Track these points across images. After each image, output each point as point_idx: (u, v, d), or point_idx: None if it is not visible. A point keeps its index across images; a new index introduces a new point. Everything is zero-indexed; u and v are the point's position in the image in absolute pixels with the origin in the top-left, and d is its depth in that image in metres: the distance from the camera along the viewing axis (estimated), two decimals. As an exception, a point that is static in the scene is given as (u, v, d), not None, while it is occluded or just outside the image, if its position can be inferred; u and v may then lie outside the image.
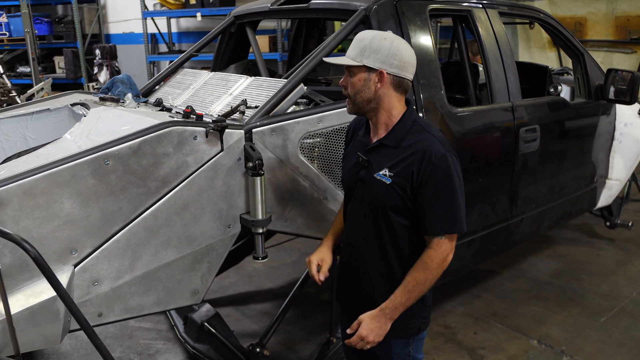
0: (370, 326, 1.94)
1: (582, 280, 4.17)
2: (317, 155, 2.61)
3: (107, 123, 2.28)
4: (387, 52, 1.88)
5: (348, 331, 2.00)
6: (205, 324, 3.06)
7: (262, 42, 8.54)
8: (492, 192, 3.16)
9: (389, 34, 1.92)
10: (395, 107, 1.95)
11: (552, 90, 3.71)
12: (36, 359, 3.22)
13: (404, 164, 1.89)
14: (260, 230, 2.40)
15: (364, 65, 1.89)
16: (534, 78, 4.01)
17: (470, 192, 3.00)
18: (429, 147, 1.87)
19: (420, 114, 2.67)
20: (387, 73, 1.89)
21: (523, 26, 6.69)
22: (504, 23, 3.39)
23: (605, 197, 4.30)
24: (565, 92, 4.10)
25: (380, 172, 1.93)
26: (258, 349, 2.84)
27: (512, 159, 3.18)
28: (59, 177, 1.91)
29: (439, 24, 7.92)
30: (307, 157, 2.57)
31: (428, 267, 1.91)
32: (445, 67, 4.49)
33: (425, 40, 2.80)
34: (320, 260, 2.22)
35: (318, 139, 2.58)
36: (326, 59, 2.09)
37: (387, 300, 1.93)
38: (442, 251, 1.91)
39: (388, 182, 1.91)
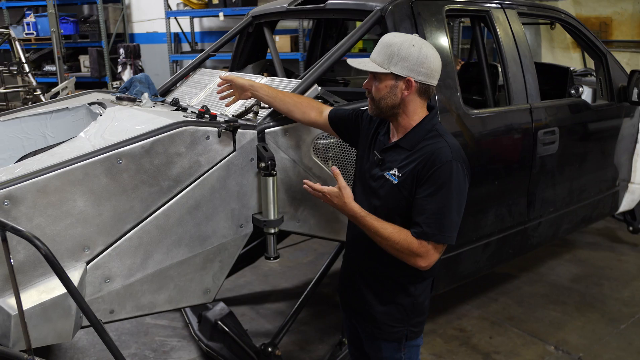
0: (336, 197, 1.90)
1: (603, 286, 4.09)
2: (332, 156, 2.61)
3: (122, 122, 2.30)
4: (415, 60, 1.85)
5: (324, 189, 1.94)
6: (219, 322, 3.09)
7: (284, 42, 8.57)
8: (508, 194, 3.11)
9: (416, 40, 1.89)
10: (417, 112, 1.95)
11: (573, 92, 3.64)
12: (53, 353, 3.28)
13: (411, 165, 1.88)
14: (272, 231, 2.41)
15: (392, 73, 1.87)
16: (555, 79, 3.95)
17: (485, 194, 3.00)
18: (437, 151, 1.85)
19: (435, 116, 2.64)
20: (414, 81, 1.87)
21: (546, 26, 6.58)
22: (524, 24, 3.34)
23: (628, 201, 4.21)
24: (587, 93, 4.02)
25: (390, 172, 1.93)
26: (270, 349, 2.85)
27: (530, 161, 3.13)
28: (72, 175, 1.94)
29: (461, 24, 7.84)
30: (321, 157, 2.57)
31: (404, 245, 1.83)
32: (465, 68, 4.45)
33: (442, 41, 2.77)
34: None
35: (333, 140, 2.57)
36: (351, 62, 2.03)
37: (365, 211, 1.89)
38: (421, 252, 1.84)
39: (395, 182, 1.91)
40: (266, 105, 2.58)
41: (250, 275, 4.29)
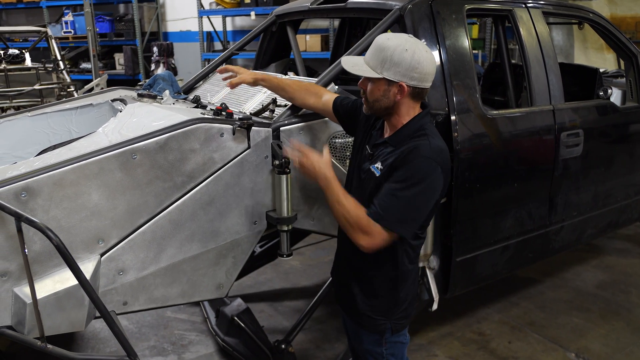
0: (312, 161, 1.98)
1: (630, 294, 3.98)
2: (349, 156, 2.61)
3: (140, 118, 2.35)
4: (408, 65, 1.85)
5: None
6: (235, 318, 3.12)
7: (314, 41, 8.60)
8: (528, 197, 3.06)
9: (410, 43, 1.87)
10: (409, 113, 1.97)
11: (601, 93, 3.55)
12: (76, 342, 3.37)
13: (392, 158, 1.92)
14: (286, 228, 2.43)
15: (384, 78, 1.89)
16: (584, 81, 3.85)
17: (504, 197, 2.95)
18: (417, 146, 1.87)
19: (453, 117, 2.62)
20: (407, 85, 1.88)
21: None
22: (551, 24, 3.27)
23: (659, 207, 4.08)
24: (616, 95, 3.92)
25: (375, 165, 1.97)
26: (283, 345, 2.87)
27: (552, 164, 3.07)
28: (87, 169, 1.99)
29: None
30: (338, 157, 2.57)
31: (354, 218, 1.86)
32: (491, 69, 4.39)
33: (461, 41, 2.74)
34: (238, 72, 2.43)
35: (350, 139, 2.57)
36: (344, 64, 2.02)
37: (336, 178, 1.94)
38: (367, 231, 1.85)
39: (377, 175, 1.95)
40: (282, 103, 2.61)
41: (271, 272, 4.32)
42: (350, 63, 1.97)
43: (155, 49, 9.54)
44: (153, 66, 9.59)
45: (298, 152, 2.03)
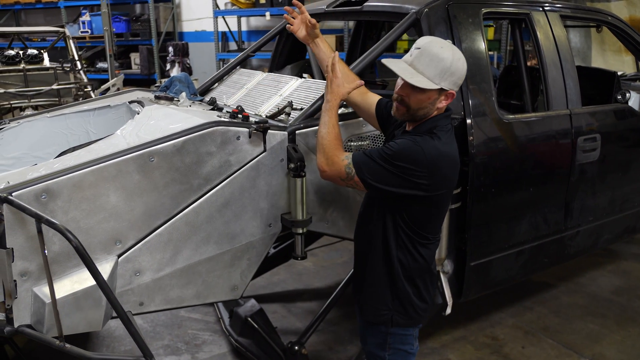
0: (338, 83, 2.16)
1: (647, 300, 3.94)
2: None
3: (157, 121, 2.37)
4: (461, 74, 1.94)
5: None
6: (249, 318, 3.13)
7: (329, 42, 8.56)
8: (543, 202, 3.04)
9: (458, 52, 1.94)
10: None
11: (619, 97, 3.52)
12: (91, 340, 3.41)
13: None
14: (300, 231, 2.44)
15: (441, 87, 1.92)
16: (602, 84, 3.82)
17: (519, 201, 2.94)
18: (420, 138, 1.93)
19: (469, 120, 2.61)
20: (454, 92, 1.97)
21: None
22: (568, 27, 3.25)
23: (677, 213, 4.03)
24: (634, 99, 3.88)
25: None
26: (296, 347, 2.88)
27: (568, 169, 3.05)
28: (106, 171, 2.01)
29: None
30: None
31: (333, 146, 2.04)
32: (507, 72, 4.37)
33: (478, 44, 2.73)
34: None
35: (365, 142, 2.58)
36: (402, 73, 1.93)
37: (335, 111, 2.14)
38: (332, 158, 2.03)
39: None
40: (298, 106, 2.62)
41: (285, 273, 4.34)
42: (408, 73, 1.92)
43: (170, 48, 9.60)
44: (168, 66, 9.65)
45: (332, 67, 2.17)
